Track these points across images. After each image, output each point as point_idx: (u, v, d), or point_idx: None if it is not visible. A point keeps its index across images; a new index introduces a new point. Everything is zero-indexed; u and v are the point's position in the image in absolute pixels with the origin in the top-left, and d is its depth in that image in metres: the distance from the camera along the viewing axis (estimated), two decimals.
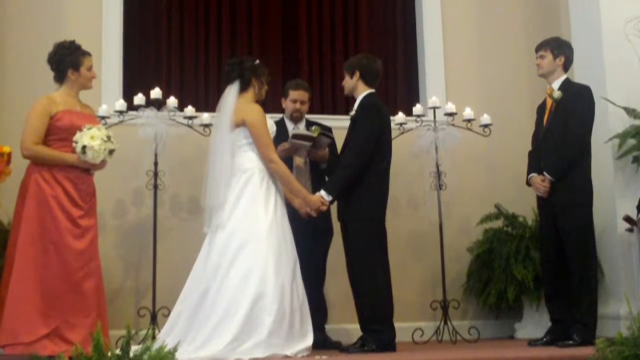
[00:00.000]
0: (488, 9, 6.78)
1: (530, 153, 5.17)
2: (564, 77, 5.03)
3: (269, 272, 4.15)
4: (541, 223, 5.13)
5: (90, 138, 4.22)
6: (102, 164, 4.36)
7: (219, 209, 4.32)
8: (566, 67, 5.07)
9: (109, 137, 4.30)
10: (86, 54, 4.52)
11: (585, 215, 4.86)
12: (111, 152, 4.32)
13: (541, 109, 5.15)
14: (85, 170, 4.36)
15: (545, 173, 4.89)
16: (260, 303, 4.08)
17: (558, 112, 4.93)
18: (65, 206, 4.24)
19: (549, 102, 5.03)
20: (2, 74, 5.85)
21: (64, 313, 4.12)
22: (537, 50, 5.12)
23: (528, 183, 5.09)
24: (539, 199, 5.04)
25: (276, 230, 4.30)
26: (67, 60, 4.45)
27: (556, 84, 5.01)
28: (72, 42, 4.53)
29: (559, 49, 5.04)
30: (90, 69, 4.52)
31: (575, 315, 4.74)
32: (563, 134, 4.85)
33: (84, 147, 4.21)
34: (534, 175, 5.00)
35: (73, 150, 4.26)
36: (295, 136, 4.98)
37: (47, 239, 4.17)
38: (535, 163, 5.03)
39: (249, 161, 4.41)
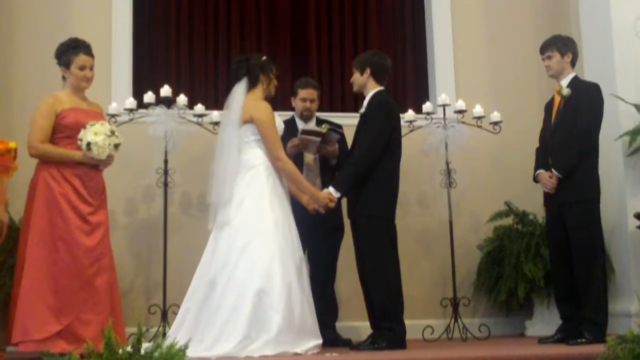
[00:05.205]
0: (497, 6, 6.77)
1: (537, 150, 5.16)
2: (572, 74, 5.03)
3: (275, 268, 4.15)
4: (548, 220, 5.12)
5: (93, 134, 4.21)
6: (109, 159, 4.34)
7: (225, 206, 4.32)
8: (573, 63, 5.06)
9: (112, 132, 4.28)
10: (79, 52, 4.38)
11: (592, 212, 4.84)
12: (116, 146, 4.30)
13: (549, 106, 5.15)
14: (94, 166, 4.35)
15: (553, 170, 4.88)
16: (266, 299, 4.07)
17: (567, 109, 4.92)
18: (74, 203, 4.24)
19: (557, 99, 5.02)
20: (11, 73, 5.86)
21: (76, 310, 4.12)
22: (542, 51, 5.09)
23: (535, 179, 5.09)
24: (546, 196, 5.03)
25: (282, 226, 4.29)
26: (61, 59, 4.41)
27: (565, 82, 5.00)
28: (70, 40, 4.45)
29: (565, 46, 5.02)
30: (82, 68, 4.38)
31: (584, 312, 4.73)
32: (571, 131, 4.84)
33: (88, 144, 4.21)
34: (541, 171, 4.99)
35: (80, 148, 4.26)
36: (305, 132, 4.99)
37: (56, 236, 4.17)
38: (543, 160, 5.02)
39: (256, 158, 4.40)
